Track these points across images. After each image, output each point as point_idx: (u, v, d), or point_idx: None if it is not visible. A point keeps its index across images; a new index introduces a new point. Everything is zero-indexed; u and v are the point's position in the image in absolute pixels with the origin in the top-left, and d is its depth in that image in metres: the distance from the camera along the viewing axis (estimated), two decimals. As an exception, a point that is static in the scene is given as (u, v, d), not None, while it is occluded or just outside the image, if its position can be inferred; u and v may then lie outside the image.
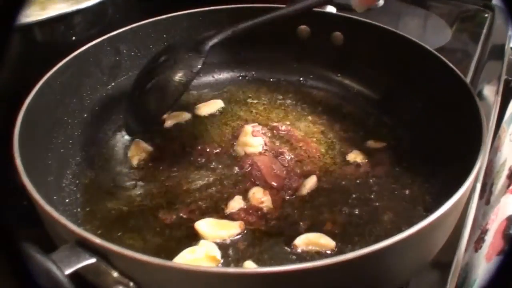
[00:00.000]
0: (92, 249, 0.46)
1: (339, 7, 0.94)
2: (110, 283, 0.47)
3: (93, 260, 0.46)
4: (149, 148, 0.80)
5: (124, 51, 0.89)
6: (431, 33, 1.23)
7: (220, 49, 0.96)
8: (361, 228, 0.66)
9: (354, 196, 0.71)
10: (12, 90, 0.76)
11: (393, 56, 0.86)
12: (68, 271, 0.44)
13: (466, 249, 0.72)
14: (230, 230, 0.64)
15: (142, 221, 0.68)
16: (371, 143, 0.81)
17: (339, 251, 0.62)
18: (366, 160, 0.77)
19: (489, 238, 0.73)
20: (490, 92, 1.04)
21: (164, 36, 0.92)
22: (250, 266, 0.60)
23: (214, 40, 0.77)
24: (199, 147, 0.80)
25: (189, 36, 0.93)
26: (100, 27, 0.88)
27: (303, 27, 0.93)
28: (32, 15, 1.08)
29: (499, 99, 1.04)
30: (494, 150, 0.96)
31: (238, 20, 0.92)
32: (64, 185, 0.73)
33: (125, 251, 0.45)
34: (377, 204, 0.70)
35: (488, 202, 0.88)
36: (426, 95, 0.81)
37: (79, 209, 0.70)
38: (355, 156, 0.78)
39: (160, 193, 0.72)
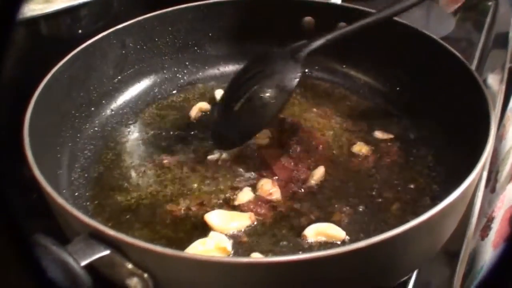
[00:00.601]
0: (106, 241, 0.47)
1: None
2: (124, 275, 0.47)
3: (107, 252, 0.46)
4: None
5: (130, 44, 0.89)
6: (434, 23, 1.23)
7: (224, 42, 0.97)
8: (370, 218, 0.66)
9: (361, 186, 0.71)
10: (20, 83, 0.76)
11: (398, 46, 0.86)
12: (84, 263, 0.44)
13: (472, 237, 0.73)
14: (240, 221, 0.65)
15: (152, 214, 0.68)
16: (378, 134, 0.81)
17: (349, 241, 0.63)
18: (373, 151, 0.78)
19: (495, 225, 0.74)
20: (495, 81, 1.04)
21: (170, 29, 0.92)
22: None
23: (310, 48, 0.76)
24: (206, 140, 0.80)
25: (195, 30, 0.94)
26: (106, 20, 0.88)
27: (307, 18, 0.92)
28: (37, 8, 1.08)
29: (504, 87, 1.04)
30: (499, 138, 0.96)
31: (244, 13, 0.93)
32: (73, 178, 0.74)
33: (140, 243, 0.45)
34: (384, 194, 0.70)
35: (493, 190, 0.88)
36: (432, 85, 0.81)
37: (88, 203, 0.71)
38: (361, 147, 0.78)
39: (169, 186, 0.72)
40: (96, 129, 0.83)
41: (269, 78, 0.74)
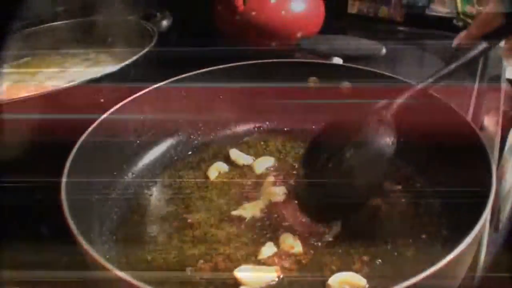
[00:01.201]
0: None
1: (345, 58, 0.99)
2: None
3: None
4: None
5: (147, 110, 0.93)
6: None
7: (235, 103, 1.02)
8: (387, 265, 0.70)
9: (376, 236, 0.75)
10: (46, 152, 0.81)
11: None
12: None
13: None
14: (268, 275, 0.68)
15: (181, 273, 0.71)
16: (387, 185, 0.84)
17: (369, 288, 0.66)
18: (383, 203, 0.81)
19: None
20: (491, 123, 1.08)
21: (183, 93, 0.97)
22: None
23: (392, 110, 0.79)
24: (227, 198, 0.85)
25: (206, 94, 0.99)
26: (125, 88, 0.93)
27: (312, 78, 0.98)
28: (55, 77, 1.15)
29: (499, 130, 1.08)
30: (498, 178, 1.00)
31: (252, 75, 0.98)
32: (103, 241, 0.77)
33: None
34: (399, 246, 0.73)
35: (496, 228, 0.92)
36: (431, 135, 0.83)
37: (118, 263, 0.73)
38: (372, 199, 0.81)
39: (195, 244, 0.76)
40: (119, 192, 0.86)
41: (365, 145, 0.77)
